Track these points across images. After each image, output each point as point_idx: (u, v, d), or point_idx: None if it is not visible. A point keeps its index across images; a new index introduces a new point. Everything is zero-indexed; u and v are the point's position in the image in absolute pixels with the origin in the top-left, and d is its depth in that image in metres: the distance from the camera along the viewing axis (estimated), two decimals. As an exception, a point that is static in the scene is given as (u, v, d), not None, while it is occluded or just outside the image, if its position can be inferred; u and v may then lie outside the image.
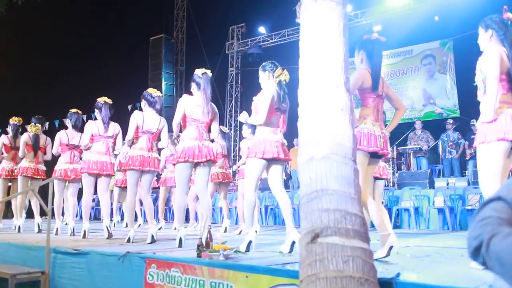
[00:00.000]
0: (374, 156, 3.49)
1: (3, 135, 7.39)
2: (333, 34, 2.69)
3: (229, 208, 7.92)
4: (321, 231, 2.26)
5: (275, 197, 4.20)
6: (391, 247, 3.24)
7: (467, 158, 9.92)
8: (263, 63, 4.36)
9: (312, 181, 2.43)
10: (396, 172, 10.14)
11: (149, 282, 3.40)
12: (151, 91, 5.30)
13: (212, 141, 5.21)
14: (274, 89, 4.11)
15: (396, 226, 7.77)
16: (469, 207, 7.37)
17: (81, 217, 9.44)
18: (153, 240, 4.79)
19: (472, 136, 10.16)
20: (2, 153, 7.13)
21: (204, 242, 3.46)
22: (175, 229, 7.48)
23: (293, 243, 3.81)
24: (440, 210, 7.69)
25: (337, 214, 2.29)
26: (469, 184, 8.38)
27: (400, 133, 10.75)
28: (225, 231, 6.86)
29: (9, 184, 7.39)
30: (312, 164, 2.47)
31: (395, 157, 10.46)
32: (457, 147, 10.26)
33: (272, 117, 4.09)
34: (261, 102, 4.07)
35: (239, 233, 6.47)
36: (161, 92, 16.15)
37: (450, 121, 10.65)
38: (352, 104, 2.71)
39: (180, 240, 4.40)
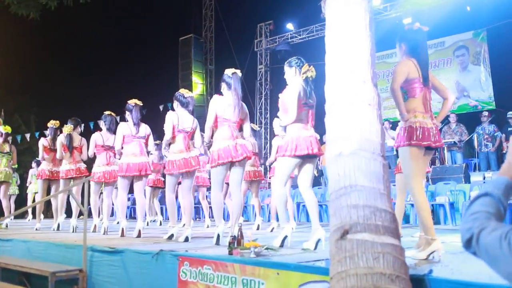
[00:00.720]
0: (428, 148, 3.40)
1: (42, 138, 7.66)
2: (359, 28, 2.67)
3: (261, 206, 7.93)
4: (351, 227, 2.25)
5: (302, 194, 4.19)
6: (433, 252, 3.09)
7: (504, 152, 9.64)
8: (289, 59, 4.35)
9: (341, 177, 2.42)
10: (430, 167, 9.94)
11: (183, 279, 3.46)
12: (183, 91, 5.37)
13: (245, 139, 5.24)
14: (300, 84, 4.09)
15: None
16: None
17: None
18: (186, 240, 4.84)
19: (510, 129, 9.91)
20: (43, 156, 7.38)
21: (235, 240, 3.49)
22: (207, 227, 7.61)
23: (319, 240, 3.81)
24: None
25: (366, 210, 2.27)
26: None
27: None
28: (258, 228, 6.89)
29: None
30: (340, 160, 2.46)
31: (429, 152, 10.23)
32: (493, 140, 9.97)
33: (301, 112, 4.08)
34: (288, 100, 4.06)
35: (271, 230, 6.49)
36: (191, 91, 16.43)
37: (485, 113, 10.36)
38: (380, 99, 2.68)
39: (218, 236, 4.41)
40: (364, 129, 2.49)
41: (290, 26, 15.53)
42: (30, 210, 11.88)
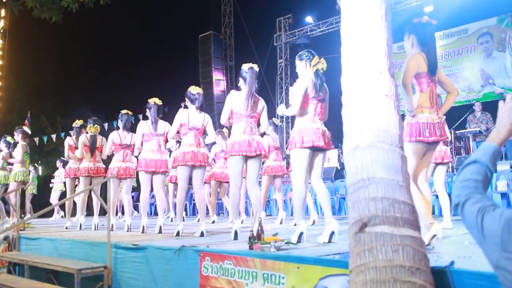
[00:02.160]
0: (433, 142, 3.43)
1: (68, 137, 7.84)
2: (375, 19, 2.63)
3: (283, 200, 7.92)
4: (369, 220, 2.23)
5: (313, 187, 4.18)
6: (433, 236, 3.20)
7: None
8: (300, 52, 4.36)
9: (358, 169, 2.39)
10: (455, 157, 9.75)
11: (204, 274, 3.48)
12: (191, 88, 5.46)
13: (263, 134, 5.25)
14: (310, 78, 4.09)
15: (456, 213, 7.49)
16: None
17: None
18: (202, 235, 4.88)
19: None
20: (69, 155, 7.55)
21: (255, 234, 3.50)
22: (231, 222, 7.64)
23: (332, 233, 3.80)
24: (504, 195, 7.33)
25: (384, 202, 2.24)
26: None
27: (458, 116, 10.33)
28: (281, 222, 6.89)
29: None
30: (358, 153, 2.43)
31: (453, 141, 10.05)
32: (521, 128, 9.70)
33: (309, 106, 4.07)
34: (295, 93, 4.08)
35: (295, 224, 6.47)
36: (212, 88, 16.51)
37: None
38: (397, 90, 2.64)
39: (236, 232, 4.45)
40: (381, 120, 2.45)
41: (309, 19, 15.42)
42: (56, 209, 12.10)
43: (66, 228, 7.28)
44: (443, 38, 12.91)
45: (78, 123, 7.76)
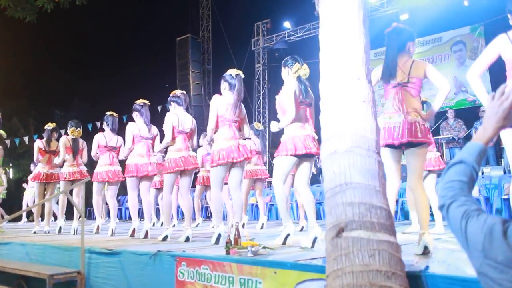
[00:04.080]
0: (393, 147, 3.47)
1: (38, 140, 7.65)
2: (353, 25, 2.66)
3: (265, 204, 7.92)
4: (346, 225, 2.25)
5: (299, 192, 4.19)
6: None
7: (503, 146, 9.62)
8: (285, 59, 4.36)
9: (336, 175, 2.41)
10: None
11: (180, 279, 3.45)
12: (175, 92, 5.39)
13: (245, 139, 5.22)
14: (295, 83, 4.10)
15: (432, 218, 7.61)
16: (506, 197, 7.15)
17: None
18: (187, 240, 4.82)
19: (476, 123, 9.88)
20: (38, 158, 7.38)
21: (232, 239, 3.49)
22: (213, 227, 7.58)
23: (315, 238, 3.82)
24: (476, 200, 7.48)
25: (361, 207, 2.26)
26: (505, 172, 8.14)
27: (432, 123, 10.51)
28: (262, 227, 6.89)
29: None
30: (335, 158, 2.45)
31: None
32: (492, 135, 9.94)
33: (297, 112, 4.07)
34: (286, 100, 4.07)
35: (301, 230, 6.44)
36: (189, 92, 16.43)
37: (483, 108, 10.34)
38: (374, 96, 2.68)
39: (218, 236, 4.39)
40: (359, 126, 2.48)
41: (287, 24, 15.50)
42: (24, 214, 11.81)
43: (34, 232, 7.12)
44: (418, 46, 13.14)
45: (50, 126, 7.59)
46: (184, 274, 3.44)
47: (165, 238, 4.96)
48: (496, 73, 3.18)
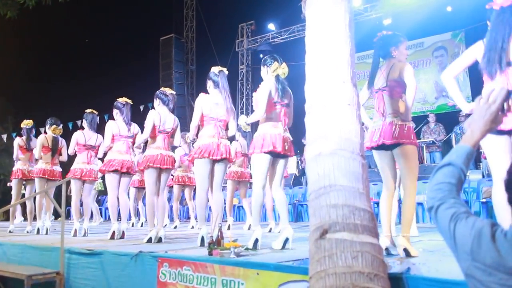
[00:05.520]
0: (377, 148, 3.53)
1: (17, 138, 7.52)
2: (339, 29, 2.68)
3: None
4: (330, 227, 2.26)
5: (272, 193, 4.21)
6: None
7: (481, 151, 9.78)
8: (264, 57, 4.38)
9: (320, 177, 2.42)
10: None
11: (162, 280, 3.42)
12: (165, 89, 5.35)
13: (233, 138, 5.19)
14: (272, 83, 4.12)
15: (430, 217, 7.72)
16: (484, 200, 7.27)
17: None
18: (159, 241, 4.79)
19: (456, 128, 10.07)
20: (18, 155, 7.27)
21: (215, 240, 3.48)
22: (192, 227, 7.55)
23: (286, 239, 3.83)
24: (464, 203, 7.58)
25: (345, 209, 2.28)
26: (483, 176, 8.28)
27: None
28: (249, 228, 6.88)
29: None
30: (320, 160, 2.46)
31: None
32: (471, 139, 10.10)
33: (272, 111, 4.09)
34: (259, 98, 4.09)
35: (269, 230, 6.45)
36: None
37: (463, 113, 10.52)
38: (359, 99, 2.70)
39: (202, 238, 4.34)
40: (344, 129, 2.50)
41: (271, 26, 15.55)
42: (19, 212, 11.59)
43: (10, 232, 6.99)
44: (400, 51, 13.30)
45: (27, 124, 7.45)
46: (166, 275, 3.41)
47: (149, 240, 4.88)
48: (476, 78, 3.24)
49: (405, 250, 3.17)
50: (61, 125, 7.28)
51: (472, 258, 1.28)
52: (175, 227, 7.81)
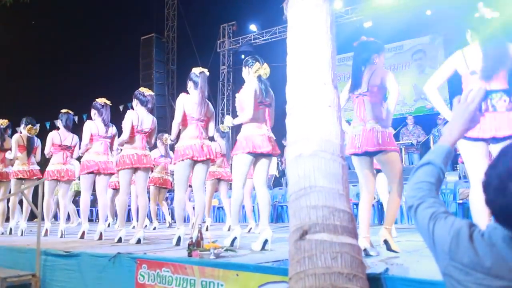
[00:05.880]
0: (373, 153, 3.55)
1: None
2: (320, 31, 2.69)
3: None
4: (310, 228, 2.26)
5: (256, 192, 4.21)
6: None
7: (458, 153, 9.94)
8: (246, 58, 4.39)
9: (301, 178, 2.43)
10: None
11: (140, 282, 3.39)
12: (143, 90, 5.33)
13: (212, 139, 5.20)
14: (255, 83, 4.12)
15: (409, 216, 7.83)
16: (460, 201, 7.40)
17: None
18: (138, 242, 4.76)
19: (434, 130, 10.26)
20: None
21: (194, 241, 3.45)
22: (178, 228, 7.46)
23: (266, 241, 3.84)
24: (443, 202, 7.70)
25: (325, 210, 2.29)
26: (460, 178, 8.42)
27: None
28: (229, 229, 6.85)
29: None
30: (300, 161, 2.46)
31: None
32: (448, 141, 10.27)
33: (257, 111, 4.11)
34: (245, 98, 4.09)
35: (249, 231, 6.44)
36: (153, 91, 16.17)
37: (442, 116, 10.68)
38: (340, 101, 2.72)
39: (179, 238, 4.37)
40: (324, 130, 2.51)
41: (253, 27, 15.56)
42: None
43: None
44: (380, 53, 13.45)
45: (2, 123, 7.30)
46: (144, 277, 3.38)
47: (119, 240, 4.88)
48: (453, 81, 3.31)
49: (386, 241, 3.26)
50: (37, 124, 7.15)
51: (450, 257, 1.29)
52: (154, 228, 7.74)
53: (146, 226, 8.01)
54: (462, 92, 3.11)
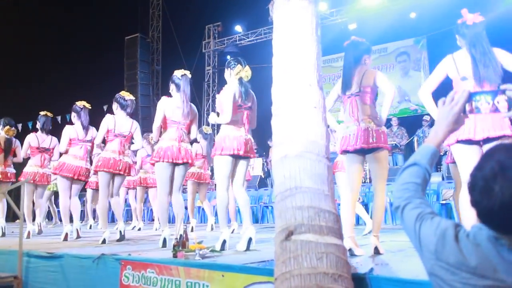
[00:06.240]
0: (364, 151, 3.60)
1: None
2: (306, 33, 2.70)
3: (212, 206, 7.87)
4: (295, 228, 2.27)
5: (234, 194, 4.23)
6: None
7: (442, 154, 10.08)
8: (228, 60, 4.41)
9: (286, 179, 2.44)
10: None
11: (125, 283, 3.36)
12: (124, 94, 5.35)
13: (194, 141, 5.20)
14: (235, 86, 4.14)
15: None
16: (444, 202, 7.50)
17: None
18: (103, 242, 4.80)
19: (419, 130, 10.40)
20: None
21: (179, 242, 3.44)
22: (156, 229, 7.45)
23: (250, 239, 3.85)
24: (429, 203, 7.78)
25: (310, 211, 2.30)
26: (443, 179, 8.52)
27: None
28: (212, 229, 6.84)
29: None
30: (286, 162, 2.47)
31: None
32: (433, 143, 10.40)
33: (235, 114, 4.11)
34: (224, 101, 4.10)
35: (232, 231, 6.42)
36: (137, 92, 16.09)
37: (427, 118, 10.80)
38: (325, 102, 2.74)
39: (164, 240, 4.36)
40: (310, 131, 2.52)
41: (238, 28, 15.55)
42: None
43: None
44: (364, 55, 13.56)
45: None
46: (129, 278, 3.35)
47: (104, 242, 4.88)
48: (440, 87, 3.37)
49: (376, 248, 3.33)
50: (16, 125, 7.06)
51: (436, 257, 1.31)
52: (139, 229, 7.69)
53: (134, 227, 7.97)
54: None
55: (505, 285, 1.20)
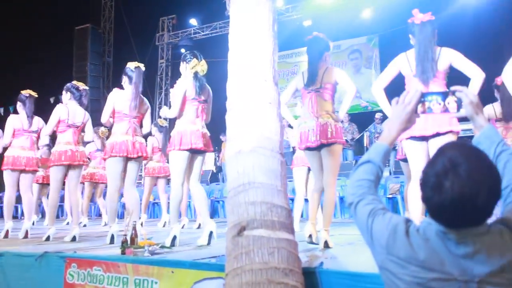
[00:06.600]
0: (310, 149, 3.65)
1: None
2: (262, 28, 2.69)
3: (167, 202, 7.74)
4: (248, 223, 2.26)
5: (190, 189, 4.19)
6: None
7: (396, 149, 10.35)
8: (184, 53, 4.35)
9: (240, 174, 2.41)
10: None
11: (69, 282, 3.23)
12: (77, 84, 5.17)
13: (149, 134, 5.06)
14: (189, 80, 4.10)
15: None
16: (390, 196, 7.72)
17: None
18: (74, 240, 4.62)
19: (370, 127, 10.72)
20: None
21: (128, 239, 3.35)
22: (105, 225, 7.24)
23: (211, 233, 3.85)
24: (381, 199, 7.98)
25: (263, 206, 2.29)
26: (390, 174, 8.79)
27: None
28: (164, 225, 6.72)
29: None
30: (240, 158, 2.45)
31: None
32: (382, 138, 10.69)
33: (189, 108, 4.08)
34: (175, 95, 4.06)
35: (182, 227, 6.32)
36: (87, 84, 15.50)
37: (379, 115, 11.04)
38: (282, 98, 2.74)
39: (112, 236, 4.27)
40: (264, 127, 2.51)
41: (193, 21, 15.38)
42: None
43: None
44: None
45: None
46: (74, 276, 3.23)
47: (47, 239, 4.70)
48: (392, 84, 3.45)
49: (326, 242, 3.39)
50: None
51: (387, 251, 1.34)
52: (85, 225, 7.46)
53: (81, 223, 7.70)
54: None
55: (452, 278, 1.24)
